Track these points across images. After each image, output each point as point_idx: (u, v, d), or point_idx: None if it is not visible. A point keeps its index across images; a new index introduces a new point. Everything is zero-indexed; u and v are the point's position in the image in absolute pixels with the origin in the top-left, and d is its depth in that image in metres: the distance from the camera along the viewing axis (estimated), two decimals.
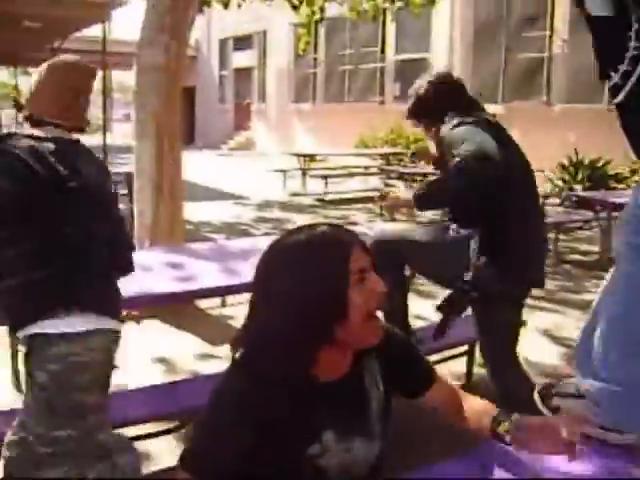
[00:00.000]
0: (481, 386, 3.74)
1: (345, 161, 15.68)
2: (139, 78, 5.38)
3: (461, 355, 4.26)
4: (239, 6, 10.46)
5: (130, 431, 2.90)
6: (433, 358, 4.16)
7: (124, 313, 5.14)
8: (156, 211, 5.36)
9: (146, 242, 5.34)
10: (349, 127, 18.75)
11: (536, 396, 1.95)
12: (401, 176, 13.69)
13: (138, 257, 4.13)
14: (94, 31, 19.34)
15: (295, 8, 10.39)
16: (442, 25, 16.95)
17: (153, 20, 5.30)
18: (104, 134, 18.06)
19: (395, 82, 19.33)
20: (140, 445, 2.97)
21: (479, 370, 4.10)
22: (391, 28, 18.87)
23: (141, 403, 3.13)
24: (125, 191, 8.13)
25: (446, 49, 16.95)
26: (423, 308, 5.06)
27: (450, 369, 4.31)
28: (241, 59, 26.97)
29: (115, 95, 43.38)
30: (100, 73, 23.77)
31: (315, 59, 22.33)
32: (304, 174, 13.50)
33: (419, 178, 11.47)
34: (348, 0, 10.68)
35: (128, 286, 3.25)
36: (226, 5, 10.75)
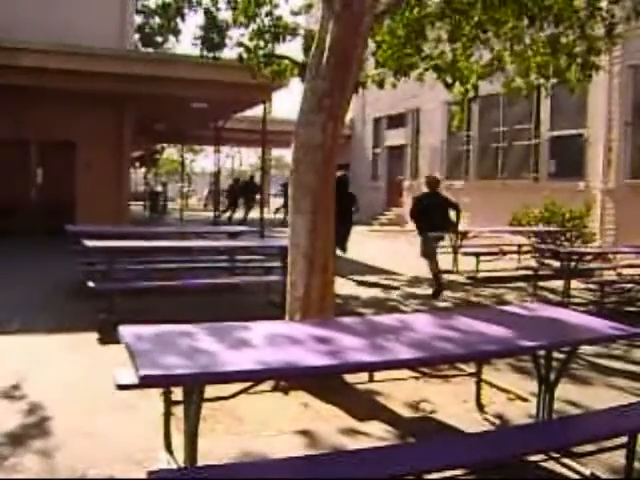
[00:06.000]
0: None
1: (497, 239, 15.38)
2: (296, 156, 5.57)
3: (619, 447, 3.92)
4: (394, 86, 10.69)
5: None
6: (588, 448, 3.91)
7: (272, 384, 5.23)
8: (308, 284, 5.46)
9: (297, 314, 5.44)
10: (502, 204, 18.45)
11: None
12: (556, 255, 13.18)
13: (289, 329, 4.20)
14: (253, 110, 20.42)
15: (448, 86, 10.50)
16: (600, 99, 16.50)
17: (311, 102, 5.51)
18: (261, 208, 18.82)
19: (550, 159, 18.94)
20: None
21: None
22: (546, 104, 18.59)
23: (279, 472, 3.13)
24: (279, 263, 8.37)
25: (604, 124, 16.44)
26: (579, 395, 4.80)
27: (607, 462, 4.03)
28: (394, 137, 27.45)
29: (272, 171, 45.23)
30: (260, 150, 24.89)
31: (468, 136, 22.33)
32: (455, 251, 13.33)
33: (575, 257, 11.03)
34: (501, 78, 10.64)
35: (277, 357, 3.31)
36: (381, 85, 11.03)
